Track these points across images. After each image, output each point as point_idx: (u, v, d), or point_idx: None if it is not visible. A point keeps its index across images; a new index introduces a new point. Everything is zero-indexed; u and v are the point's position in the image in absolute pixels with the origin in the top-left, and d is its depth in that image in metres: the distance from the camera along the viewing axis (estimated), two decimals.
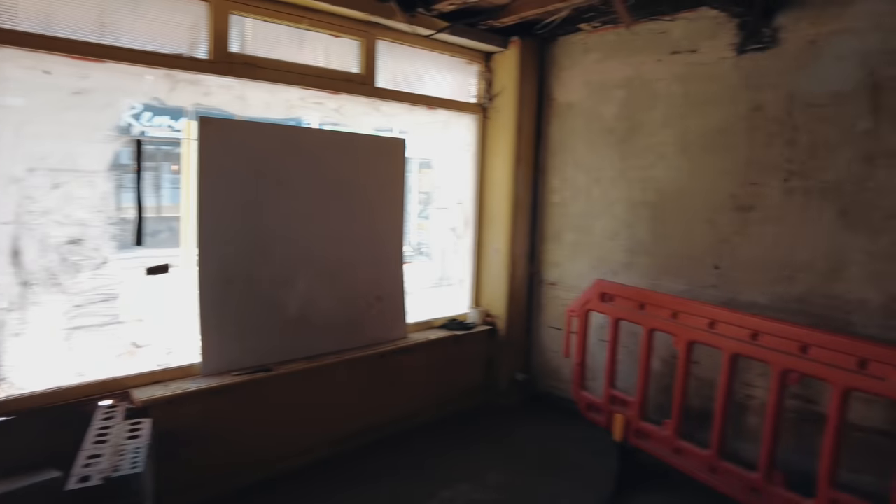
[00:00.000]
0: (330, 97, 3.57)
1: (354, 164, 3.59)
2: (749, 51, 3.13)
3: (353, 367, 3.55)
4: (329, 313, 3.52)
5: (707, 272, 3.35)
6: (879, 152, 2.72)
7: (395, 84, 3.83)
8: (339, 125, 3.71)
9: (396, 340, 3.82)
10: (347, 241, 3.59)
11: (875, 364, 2.23)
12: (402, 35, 3.64)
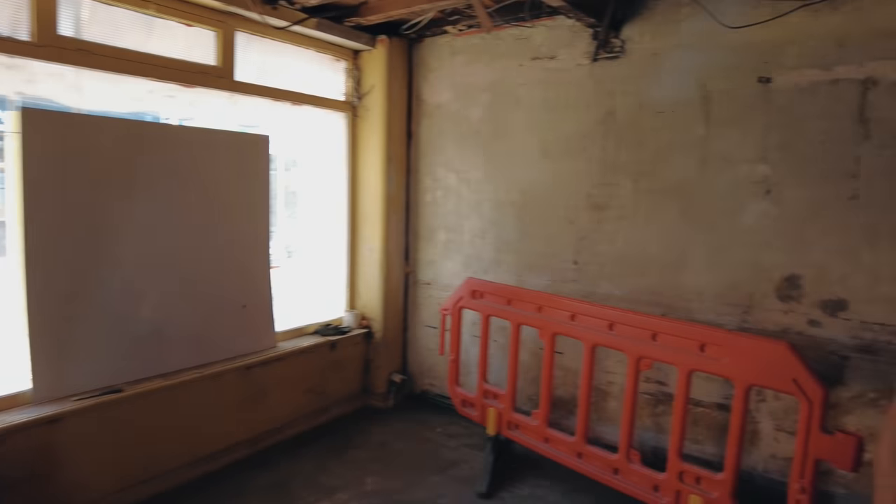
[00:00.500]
0: (184, 90, 3.28)
1: (213, 162, 3.34)
2: (602, 59, 3.35)
3: (218, 381, 3.30)
4: (188, 325, 3.24)
5: (567, 267, 3.54)
6: (712, 156, 3.03)
7: (258, 79, 3.62)
8: (197, 121, 3.43)
9: (265, 351, 3.61)
10: (207, 245, 3.33)
11: (712, 347, 2.47)
12: (264, 28, 3.45)
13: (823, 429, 2.17)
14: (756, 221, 2.93)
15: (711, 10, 2.93)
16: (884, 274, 2.65)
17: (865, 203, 2.67)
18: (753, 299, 2.96)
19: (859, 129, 2.66)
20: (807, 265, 2.82)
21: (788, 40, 2.79)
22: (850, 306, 2.74)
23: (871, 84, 2.62)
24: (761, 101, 2.88)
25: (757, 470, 3.03)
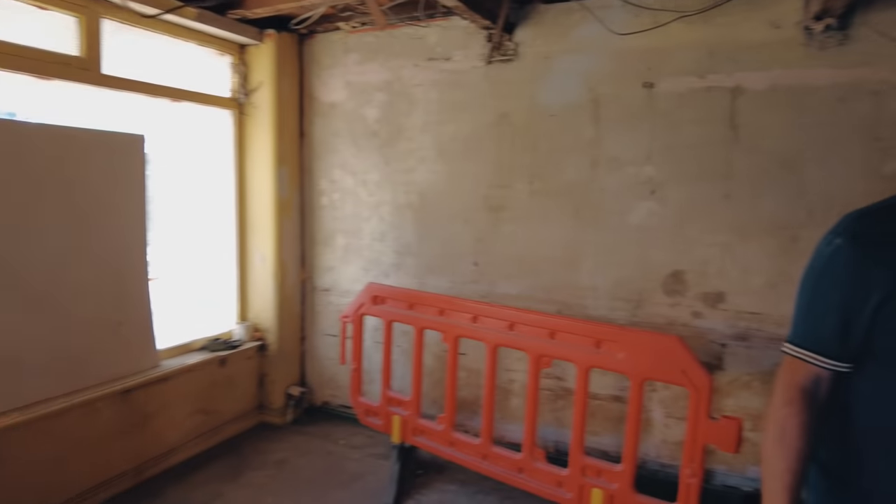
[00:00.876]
0: (40, 83, 2.90)
1: (77, 165, 2.97)
2: (496, 62, 3.38)
3: (91, 409, 2.95)
4: (51, 349, 2.86)
5: (467, 269, 3.55)
6: (602, 158, 3.15)
7: (131, 72, 3.27)
8: (60, 119, 3.04)
9: (146, 371, 3.28)
10: (73, 258, 2.96)
11: (607, 343, 2.55)
12: (136, 16, 3.12)
13: (709, 415, 2.31)
14: (643, 220, 3.08)
15: (600, 17, 3.04)
16: (753, 267, 2.88)
17: (737, 202, 2.89)
18: (643, 294, 3.11)
19: (730, 134, 2.87)
20: (689, 261, 3.01)
21: (668, 48, 2.96)
22: (727, 298, 2.96)
23: (739, 92, 2.84)
24: (646, 106, 3.03)
25: (650, 456, 3.19)
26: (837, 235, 1.26)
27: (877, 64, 2.60)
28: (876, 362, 1.23)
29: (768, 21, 2.77)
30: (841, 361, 1.25)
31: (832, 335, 1.25)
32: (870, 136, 2.64)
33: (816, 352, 1.27)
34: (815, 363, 1.27)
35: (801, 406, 1.26)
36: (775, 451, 1.27)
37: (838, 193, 2.70)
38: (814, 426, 1.26)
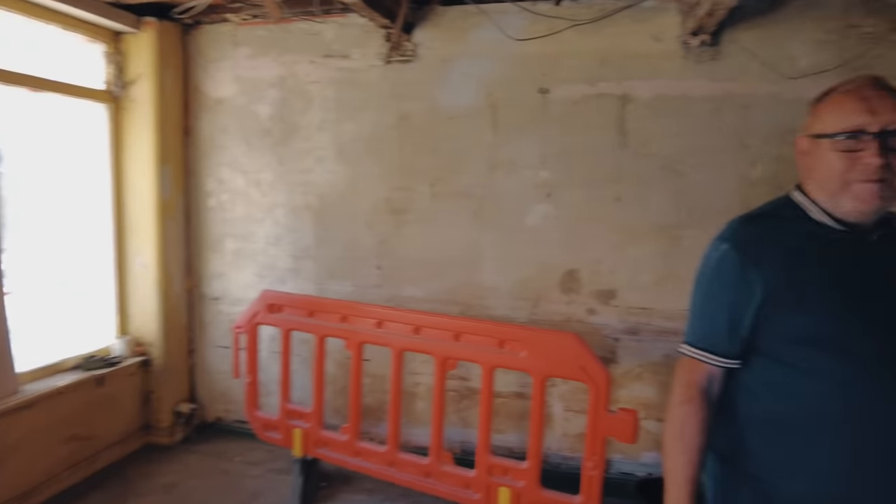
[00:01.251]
0: None
1: None
2: (395, 62, 3.33)
3: None
4: None
5: (370, 272, 3.47)
6: (500, 161, 3.20)
7: None
8: None
9: (3, 399, 2.89)
10: None
11: (510, 343, 2.59)
12: None
13: (608, 409, 2.41)
14: (540, 222, 3.17)
15: (497, 22, 3.09)
16: (642, 265, 3.06)
17: (626, 204, 3.05)
18: (541, 293, 3.20)
19: (620, 140, 3.03)
20: (583, 260, 3.14)
21: (562, 55, 3.07)
22: (618, 294, 3.12)
23: (628, 100, 3.01)
24: (541, 111, 3.12)
25: (552, 449, 3.29)
26: (724, 241, 1.35)
27: (744, 79, 2.86)
28: (758, 357, 1.33)
29: (651, 34, 2.95)
30: (731, 358, 1.34)
31: (723, 334, 1.33)
32: (740, 145, 2.89)
33: (709, 351, 1.35)
34: (708, 362, 1.35)
35: (698, 403, 1.34)
36: (676, 447, 1.34)
37: (715, 196, 2.94)
38: (710, 420, 1.34)
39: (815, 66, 2.77)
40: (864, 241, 1.30)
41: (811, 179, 1.34)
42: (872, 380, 1.22)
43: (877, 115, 1.22)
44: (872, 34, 2.73)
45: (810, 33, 2.80)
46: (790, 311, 1.26)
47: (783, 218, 1.35)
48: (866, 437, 1.22)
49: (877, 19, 2.73)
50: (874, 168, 1.21)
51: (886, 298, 1.26)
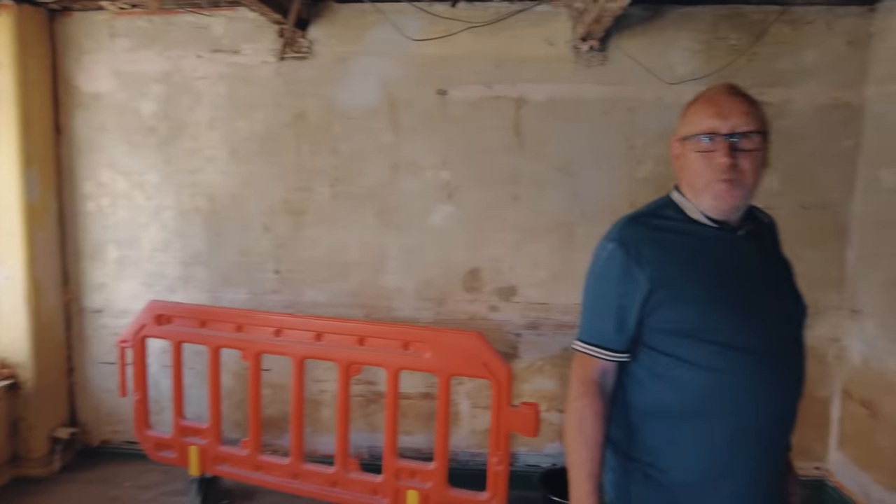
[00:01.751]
0: None
1: None
2: (289, 59, 3.21)
3: None
4: None
5: (268, 278, 3.33)
6: (402, 162, 3.18)
7: None
8: None
9: None
10: None
11: (414, 344, 2.59)
12: None
13: (510, 404, 2.47)
14: (442, 222, 3.19)
15: (394, 22, 3.06)
16: (540, 262, 3.16)
17: (524, 203, 3.14)
18: (445, 293, 3.22)
19: (516, 141, 3.11)
20: (485, 259, 3.19)
21: (460, 57, 3.10)
22: (518, 291, 3.20)
23: (523, 102, 3.09)
24: (440, 112, 3.13)
25: (460, 447, 3.32)
26: (610, 241, 1.41)
27: (630, 83, 3.03)
28: (645, 349, 1.40)
29: (544, 38, 3.05)
30: (620, 352, 1.40)
31: (611, 330, 1.39)
32: (627, 146, 3.06)
33: (600, 346, 1.40)
34: (599, 356, 1.40)
35: (593, 397, 1.38)
36: (576, 441, 1.37)
37: (605, 194, 3.09)
38: (607, 413, 1.39)
39: (691, 73, 2.99)
40: (734, 237, 1.40)
41: (684, 180, 1.44)
42: (751, 369, 1.31)
43: (727, 118, 1.32)
44: (737, 46, 2.99)
45: (685, 43, 3.01)
46: (671, 305, 1.33)
47: (664, 217, 1.43)
48: (744, 426, 1.32)
49: (741, 33, 2.98)
50: (724, 167, 1.31)
51: (758, 290, 1.37)
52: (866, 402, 2.92)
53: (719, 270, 1.36)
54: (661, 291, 1.33)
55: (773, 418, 1.34)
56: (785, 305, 1.41)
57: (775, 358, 1.34)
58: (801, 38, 2.98)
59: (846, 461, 3.07)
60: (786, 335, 1.39)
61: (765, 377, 1.32)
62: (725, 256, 1.38)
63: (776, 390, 1.34)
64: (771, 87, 3.01)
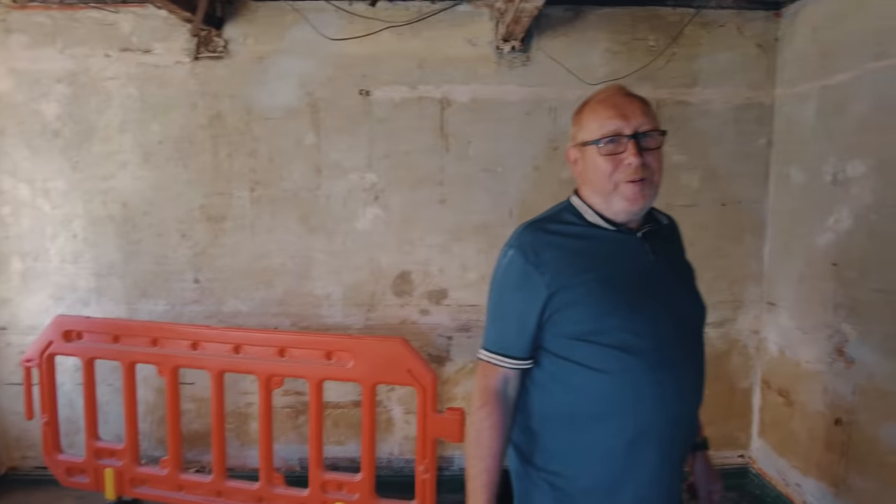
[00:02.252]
0: None
1: None
2: (204, 58, 3.07)
3: None
4: None
5: (188, 287, 3.18)
6: (323, 164, 3.09)
7: None
8: None
9: None
10: None
11: (338, 353, 2.51)
12: None
13: (436, 410, 2.43)
14: (370, 226, 3.12)
15: (313, 21, 2.97)
16: (469, 264, 3.14)
17: (451, 205, 3.11)
18: (375, 298, 3.16)
19: (442, 142, 3.07)
20: (414, 262, 3.14)
21: (382, 57, 3.03)
22: (449, 294, 3.17)
23: (447, 103, 3.05)
24: (364, 113, 3.06)
25: (394, 454, 3.27)
26: (510, 247, 1.39)
27: (551, 84, 3.04)
28: (547, 354, 1.38)
29: (467, 39, 3.02)
30: (522, 359, 1.37)
31: (513, 337, 1.36)
32: (550, 147, 3.07)
33: (502, 354, 1.37)
34: (502, 364, 1.37)
35: (492, 407, 1.36)
36: (474, 453, 1.35)
37: (531, 195, 3.09)
38: (506, 423, 1.37)
39: (611, 74, 3.02)
40: (634, 239, 1.40)
41: (585, 185, 1.42)
42: (648, 371, 1.31)
43: (629, 119, 1.32)
44: (655, 48, 3.04)
45: (605, 44, 3.04)
46: (569, 309, 1.32)
47: (563, 222, 1.42)
48: (644, 428, 1.32)
49: (658, 35, 3.04)
50: (635, 167, 1.30)
51: (656, 292, 1.37)
52: (783, 391, 3.03)
53: (617, 274, 1.35)
54: (559, 296, 1.32)
55: (672, 419, 1.35)
56: (684, 307, 1.42)
57: (673, 360, 1.35)
58: (715, 40, 3.06)
59: (766, 448, 3.18)
60: (684, 336, 1.40)
61: (663, 379, 1.32)
62: (624, 259, 1.38)
63: (675, 391, 1.34)
64: (689, 88, 3.08)
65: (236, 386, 3.20)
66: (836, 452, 2.65)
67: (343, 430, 3.26)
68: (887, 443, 2.36)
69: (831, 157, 2.66)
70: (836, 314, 2.63)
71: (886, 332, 2.35)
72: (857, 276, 2.50)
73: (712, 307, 3.20)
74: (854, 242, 2.52)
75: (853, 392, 2.54)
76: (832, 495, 2.68)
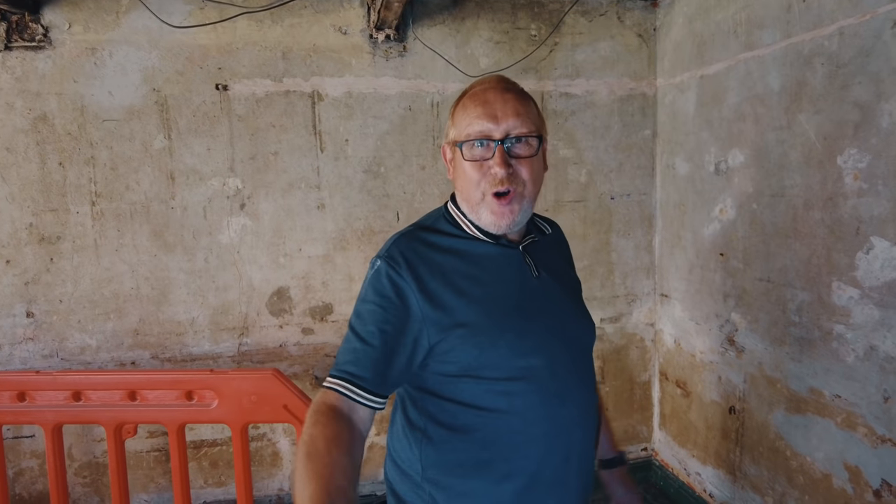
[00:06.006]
0: None
1: None
2: (19, 48, 2.56)
3: None
4: None
5: (18, 323, 2.65)
6: (179, 170, 2.69)
7: None
8: None
9: None
10: None
11: (200, 392, 2.16)
12: None
13: None
14: (237, 238, 2.76)
15: (154, 7, 2.55)
16: (355, 274, 2.87)
17: (331, 211, 2.81)
18: (248, 320, 2.80)
19: (315, 142, 2.77)
20: (292, 276, 2.82)
21: (240, 47, 2.67)
22: (335, 308, 2.88)
23: (318, 98, 2.75)
24: (222, 111, 2.69)
25: (284, 490, 2.94)
26: (378, 257, 1.16)
27: (432, 77, 2.82)
28: (420, 394, 1.16)
29: (336, 27, 2.74)
30: (374, 395, 1.07)
31: (369, 363, 1.07)
32: (436, 144, 2.86)
33: (351, 382, 1.06)
34: (349, 395, 1.05)
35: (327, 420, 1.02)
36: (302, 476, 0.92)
37: (418, 197, 2.87)
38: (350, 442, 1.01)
39: (494, 65, 2.86)
40: (515, 253, 1.22)
41: (457, 189, 1.22)
42: (542, 406, 1.13)
43: (500, 120, 1.12)
44: (537, 37, 2.91)
45: (486, 33, 2.87)
46: (452, 339, 1.10)
47: (439, 232, 1.21)
48: (536, 471, 1.14)
49: (539, 23, 2.91)
50: (500, 178, 1.11)
51: (544, 312, 1.20)
52: (680, 383, 3.03)
53: (501, 294, 1.16)
54: (438, 323, 1.09)
55: (567, 456, 1.17)
56: (573, 327, 1.24)
57: (566, 389, 1.17)
58: (596, 29, 2.98)
59: (667, 439, 3.18)
60: (577, 360, 1.22)
61: (556, 413, 1.15)
62: (506, 277, 1.19)
63: (570, 424, 1.17)
64: (573, 79, 2.99)
65: (90, 433, 2.74)
66: (731, 441, 2.66)
67: (223, 469, 2.88)
68: (776, 429, 2.37)
69: (713, 147, 2.65)
70: (726, 304, 2.63)
71: (771, 320, 2.36)
72: (743, 266, 2.50)
73: (607, 302, 3.20)
74: (738, 232, 2.52)
75: (744, 381, 2.54)
76: (730, 482, 2.69)
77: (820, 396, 2.14)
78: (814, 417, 2.17)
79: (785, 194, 2.23)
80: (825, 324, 2.09)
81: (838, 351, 2.04)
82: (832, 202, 2.03)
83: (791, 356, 2.26)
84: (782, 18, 2.20)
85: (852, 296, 1.97)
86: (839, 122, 1.98)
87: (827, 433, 2.11)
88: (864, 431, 1.97)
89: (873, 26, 1.84)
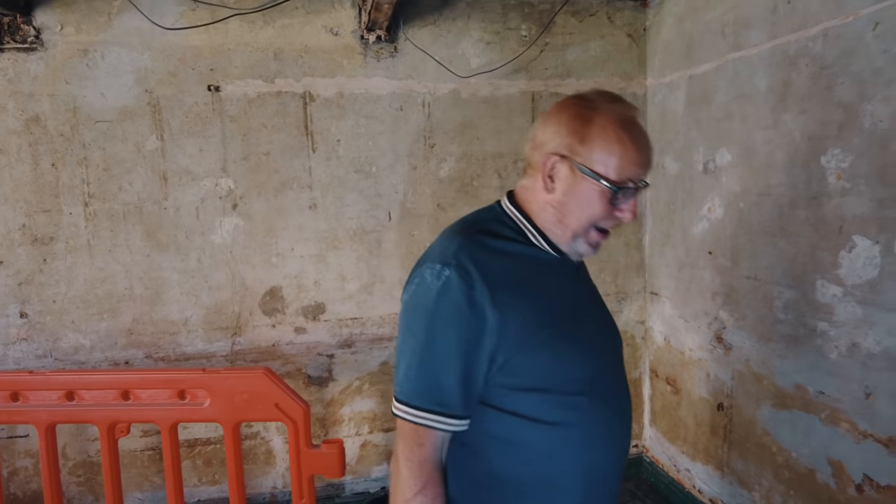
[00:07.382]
0: None
1: None
2: (11, 49, 2.57)
3: None
4: None
5: (12, 324, 2.67)
6: (172, 171, 2.70)
7: None
8: None
9: None
10: None
11: (192, 391, 2.18)
12: None
13: (310, 445, 2.17)
14: (230, 238, 2.77)
15: (146, 9, 2.57)
16: (348, 274, 2.89)
17: (323, 211, 2.83)
18: (241, 319, 2.82)
19: (307, 142, 2.78)
20: (285, 275, 2.84)
21: (232, 48, 2.69)
22: (327, 308, 2.90)
23: (310, 98, 2.77)
24: (214, 111, 2.70)
25: (278, 488, 2.97)
26: (444, 265, 1.05)
27: (423, 77, 2.84)
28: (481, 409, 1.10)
29: (327, 27, 2.75)
30: (463, 419, 1.06)
31: (455, 389, 1.03)
32: (426, 144, 2.88)
33: (440, 413, 1.04)
34: (439, 427, 1.04)
35: (436, 488, 1.05)
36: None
37: (410, 196, 2.89)
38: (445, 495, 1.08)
39: (485, 65, 2.88)
40: (573, 266, 1.21)
41: (552, 208, 1.12)
42: (600, 419, 1.12)
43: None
44: (528, 38, 2.93)
45: (477, 34, 2.89)
46: (528, 353, 1.05)
47: (501, 237, 1.13)
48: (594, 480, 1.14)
49: (529, 24, 2.93)
50: (624, 222, 1.12)
51: (596, 327, 1.21)
52: (670, 379, 3.06)
53: (565, 308, 1.14)
54: (516, 337, 1.03)
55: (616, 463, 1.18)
56: (612, 338, 1.26)
57: (617, 401, 1.19)
58: (586, 29, 3.00)
59: (658, 436, 3.21)
60: (619, 371, 1.25)
61: (612, 425, 1.16)
62: (564, 289, 1.17)
63: (619, 435, 1.19)
64: (563, 79, 3.01)
65: (84, 432, 2.76)
66: (719, 437, 2.69)
67: (217, 467, 2.90)
68: (763, 425, 2.40)
69: (701, 147, 2.67)
70: (714, 302, 2.65)
71: (757, 317, 2.38)
72: (730, 264, 2.53)
73: None
74: (726, 230, 2.54)
75: (732, 377, 2.57)
76: (718, 478, 2.72)
77: (805, 393, 2.16)
78: (799, 413, 2.20)
79: (771, 193, 2.26)
80: (810, 321, 2.12)
81: (822, 348, 2.07)
82: (816, 201, 2.06)
83: (777, 353, 2.29)
84: (768, 19, 2.22)
85: (836, 293, 2.00)
86: (823, 122, 2.01)
87: (812, 429, 2.14)
88: (847, 427, 2.00)
89: (856, 28, 1.87)
